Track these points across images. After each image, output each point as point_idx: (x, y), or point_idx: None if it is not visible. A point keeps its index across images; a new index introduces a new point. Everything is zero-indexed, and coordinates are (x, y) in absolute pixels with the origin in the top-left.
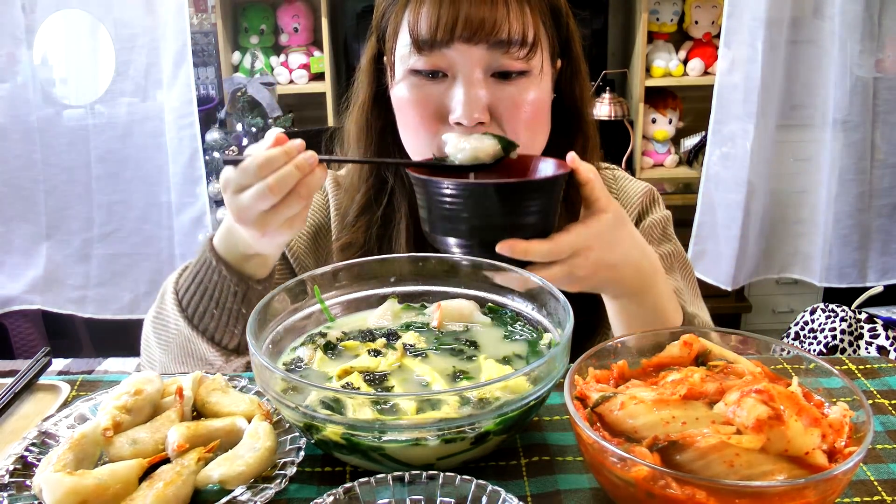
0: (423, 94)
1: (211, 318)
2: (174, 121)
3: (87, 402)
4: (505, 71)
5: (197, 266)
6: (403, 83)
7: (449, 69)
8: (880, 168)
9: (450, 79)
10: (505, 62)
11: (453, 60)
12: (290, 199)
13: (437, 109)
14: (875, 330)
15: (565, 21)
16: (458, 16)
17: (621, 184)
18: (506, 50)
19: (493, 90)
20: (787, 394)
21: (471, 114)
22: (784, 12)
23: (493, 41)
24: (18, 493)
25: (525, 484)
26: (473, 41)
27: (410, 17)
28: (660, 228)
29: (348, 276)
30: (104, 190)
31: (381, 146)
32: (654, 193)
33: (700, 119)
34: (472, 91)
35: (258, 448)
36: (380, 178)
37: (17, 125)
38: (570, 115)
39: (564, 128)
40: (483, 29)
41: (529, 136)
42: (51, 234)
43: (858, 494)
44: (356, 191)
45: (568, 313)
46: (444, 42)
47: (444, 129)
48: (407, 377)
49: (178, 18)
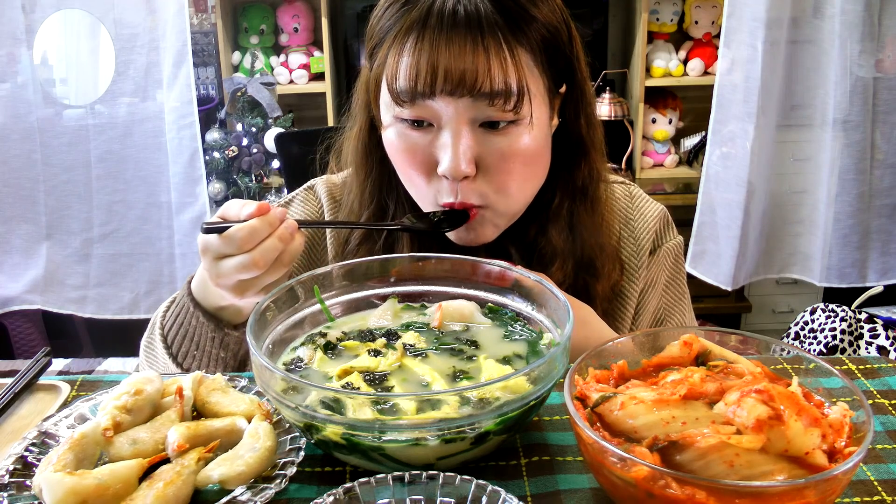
0: (411, 144)
1: (193, 359)
2: (174, 121)
3: (87, 402)
4: (492, 121)
5: (178, 307)
6: (392, 129)
7: (434, 119)
8: (880, 168)
9: (436, 129)
10: (490, 113)
11: (437, 112)
12: (272, 270)
13: (425, 160)
14: (875, 330)
15: (566, 49)
16: (437, 69)
17: (637, 203)
18: (491, 102)
19: (481, 140)
20: (787, 394)
21: (457, 167)
22: (784, 12)
23: (476, 94)
24: (18, 493)
25: (525, 484)
26: (456, 94)
27: (390, 68)
28: (672, 257)
29: (348, 276)
30: (104, 190)
31: (381, 177)
32: (668, 218)
33: (700, 119)
34: (458, 143)
35: (258, 448)
36: (381, 205)
37: (17, 125)
38: (574, 144)
39: (568, 157)
40: (464, 83)
41: (518, 187)
42: (51, 234)
43: (858, 494)
44: (357, 217)
45: (568, 313)
46: (425, 94)
47: (435, 179)
48: (407, 377)
49: (178, 18)
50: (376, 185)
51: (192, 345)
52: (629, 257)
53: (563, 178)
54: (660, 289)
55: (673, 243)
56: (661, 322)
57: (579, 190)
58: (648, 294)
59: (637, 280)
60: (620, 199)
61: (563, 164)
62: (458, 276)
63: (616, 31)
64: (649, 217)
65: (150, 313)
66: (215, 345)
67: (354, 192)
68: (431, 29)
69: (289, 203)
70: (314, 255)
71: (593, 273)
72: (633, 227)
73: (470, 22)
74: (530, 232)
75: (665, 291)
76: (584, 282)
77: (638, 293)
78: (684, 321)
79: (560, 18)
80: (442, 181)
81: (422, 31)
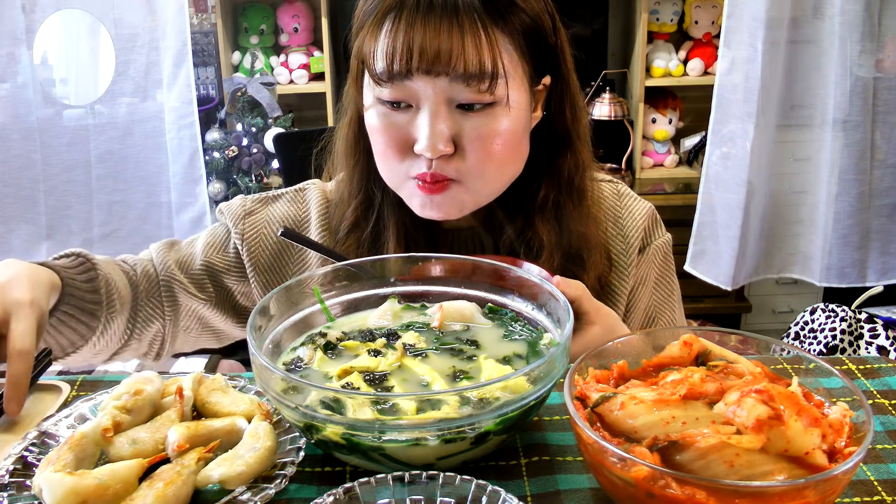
0: (389, 123)
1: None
2: (174, 121)
3: (87, 402)
4: (469, 103)
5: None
6: (372, 110)
7: (412, 100)
8: (880, 168)
9: (414, 109)
10: (468, 94)
11: (415, 91)
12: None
13: (402, 138)
14: (875, 330)
15: (551, 39)
16: (413, 48)
17: (625, 201)
18: (466, 83)
19: (458, 120)
20: (787, 394)
21: (434, 146)
22: (784, 12)
23: (452, 74)
24: (18, 493)
25: (525, 484)
26: (433, 73)
27: (369, 49)
28: (661, 254)
29: (348, 276)
30: (104, 190)
31: (368, 167)
32: (656, 216)
33: (700, 119)
34: (435, 123)
35: (258, 448)
36: (368, 194)
37: (17, 125)
38: (559, 136)
39: (553, 149)
40: (439, 61)
41: (496, 169)
42: (51, 234)
43: (858, 494)
44: (346, 206)
45: (568, 313)
46: (403, 74)
47: (410, 157)
48: (407, 377)
49: (178, 18)
50: (363, 174)
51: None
52: (618, 255)
53: (549, 170)
54: (650, 286)
55: (662, 241)
56: (652, 319)
57: (565, 181)
58: (639, 292)
59: (627, 278)
60: (608, 198)
61: (549, 156)
62: (459, 276)
63: (616, 31)
64: (637, 215)
65: None
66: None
67: (344, 182)
68: (409, 9)
69: (276, 199)
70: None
71: (580, 264)
72: (621, 226)
73: (446, 4)
74: (517, 224)
75: (655, 289)
76: (571, 274)
77: (628, 291)
78: (675, 319)
79: (543, 8)
80: (417, 158)
81: (399, 12)
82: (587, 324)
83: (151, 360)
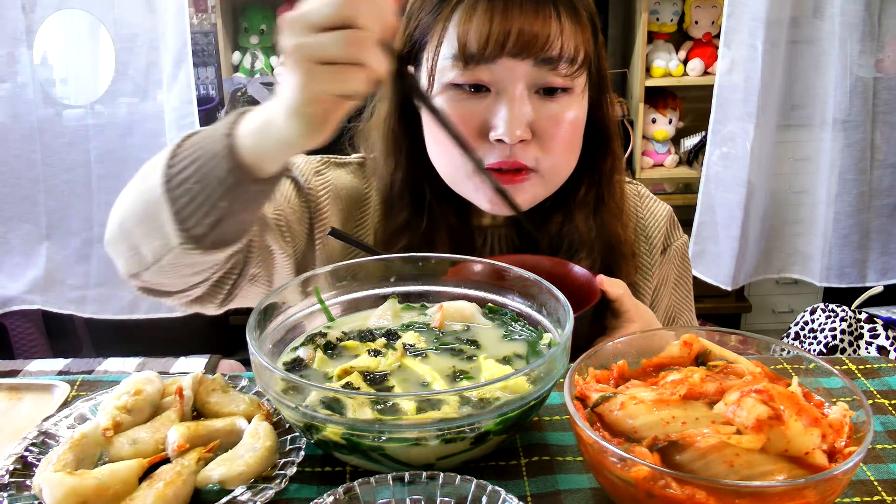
0: (464, 109)
1: (186, 192)
2: (174, 121)
3: (87, 402)
4: (549, 87)
5: (210, 131)
6: (441, 97)
7: (492, 84)
8: (880, 168)
9: (493, 94)
10: (550, 78)
11: (497, 75)
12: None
13: (478, 125)
14: (875, 330)
15: (600, 35)
16: (511, 30)
17: (646, 203)
18: (553, 66)
19: (536, 106)
20: (787, 394)
21: (513, 131)
22: (784, 12)
23: (541, 57)
24: (18, 493)
25: (525, 484)
26: (521, 56)
27: (458, 29)
28: (680, 255)
29: (348, 276)
30: (104, 190)
31: (411, 167)
32: (674, 218)
33: (700, 119)
34: (517, 108)
35: (258, 448)
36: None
37: (17, 125)
38: (599, 134)
39: (594, 147)
40: (535, 44)
41: (565, 156)
42: (51, 234)
43: (858, 494)
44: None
45: (568, 313)
46: (492, 56)
47: (481, 145)
48: (407, 377)
49: (178, 18)
50: (410, 172)
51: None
52: (643, 255)
53: (589, 166)
54: (670, 286)
55: (681, 242)
56: (672, 319)
57: (605, 177)
58: (661, 292)
59: (651, 278)
60: (630, 198)
61: (589, 151)
62: (459, 276)
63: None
64: (659, 216)
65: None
66: (222, 187)
67: (385, 179)
68: None
69: (341, 165)
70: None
71: (616, 263)
72: (644, 226)
73: None
74: (557, 220)
75: (674, 289)
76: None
77: (652, 291)
78: (692, 319)
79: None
80: (491, 148)
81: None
82: (627, 321)
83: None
